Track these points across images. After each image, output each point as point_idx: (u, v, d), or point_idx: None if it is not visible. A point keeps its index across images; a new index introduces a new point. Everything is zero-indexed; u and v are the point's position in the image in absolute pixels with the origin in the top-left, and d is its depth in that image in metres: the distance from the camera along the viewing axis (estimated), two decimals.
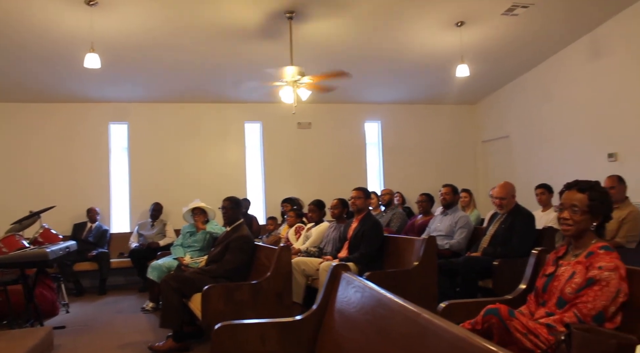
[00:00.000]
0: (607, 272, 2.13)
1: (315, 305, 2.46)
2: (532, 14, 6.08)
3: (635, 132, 6.20)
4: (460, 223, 5.17)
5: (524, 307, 2.46)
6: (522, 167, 8.14)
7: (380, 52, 6.96)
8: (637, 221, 4.74)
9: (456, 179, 7.71)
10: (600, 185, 2.32)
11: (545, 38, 6.88)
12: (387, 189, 7.51)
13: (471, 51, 6.73)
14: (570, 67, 7.13)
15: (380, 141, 9.08)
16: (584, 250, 2.29)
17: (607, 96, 6.56)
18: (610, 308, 2.13)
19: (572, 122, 7.15)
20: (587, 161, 6.82)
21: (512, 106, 8.40)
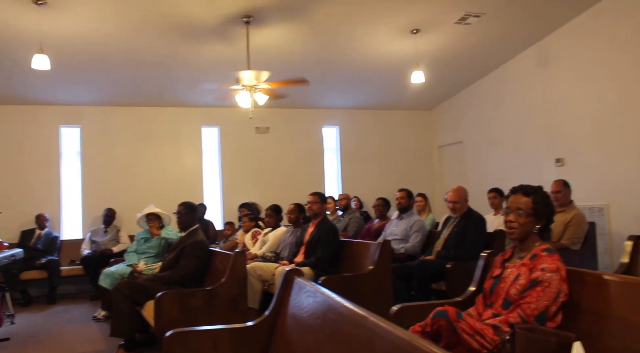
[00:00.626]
0: (549, 273, 2.22)
1: (268, 310, 2.46)
2: (484, 23, 6.27)
3: (580, 138, 6.46)
4: (415, 227, 5.25)
5: (473, 309, 2.53)
6: (475, 171, 8.36)
7: (338, 58, 7.03)
8: (581, 223, 4.94)
9: (413, 183, 7.86)
10: (543, 189, 2.42)
11: (497, 47, 7.10)
12: (344, 194, 7.57)
13: (426, 57, 6.88)
14: (521, 75, 7.38)
15: (339, 145, 9.15)
16: (529, 252, 2.37)
17: (554, 103, 6.82)
18: (552, 308, 2.21)
19: (523, 128, 7.39)
20: (537, 165, 7.06)
21: (466, 112, 8.62)
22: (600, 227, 6.07)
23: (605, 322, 2.13)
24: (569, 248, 4.95)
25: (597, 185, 6.20)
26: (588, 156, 6.37)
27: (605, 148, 6.13)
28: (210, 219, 7.97)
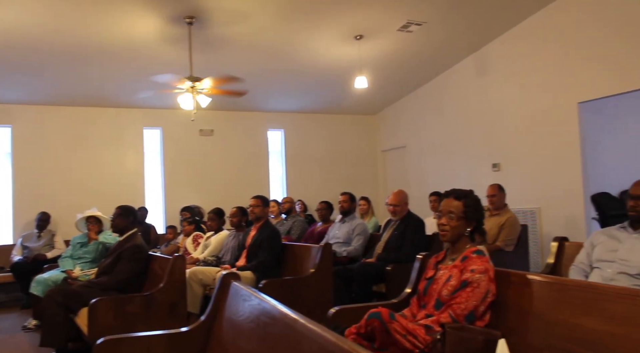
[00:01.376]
0: (478, 274, 2.31)
1: (204, 315, 2.43)
2: (426, 31, 6.45)
3: (515, 144, 6.75)
4: (358, 230, 5.33)
5: (407, 310, 2.59)
6: (417, 175, 8.56)
7: (283, 62, 7.04)
8: (514, 226, 5.15)
9: (357, 187, 7.97)
10: (474, 193, 2.51)
11: (438, 54, 7.32)
12: (288, 198, 7.57)
13: (370, 63, 7.00)
14: (460, 83, 7.64)
15: (284, 149, 9.16)
16: (460, 254, 2.45)
17: (491, 111, 7.10)
18: (480, 308, 2.31)
19: (462, 134, 7.65)
20: (475, 170, 7.32)
21: (409, 117, 8.83)
22: (532, 229, 6.35)
23: (528, 319, 2.24)
24: (503, 250, 5.15)
25: (530, 189, 6.49)
26: (522, 161, 6.66)
27: (538, 154, 6.43)
28: (152, 223, 7.78)
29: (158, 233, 7.73)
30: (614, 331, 1.84)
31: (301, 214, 8.03)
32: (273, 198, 7.99)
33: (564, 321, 2.06)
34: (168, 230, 7.45)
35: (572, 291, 2.08)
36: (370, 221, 6.90)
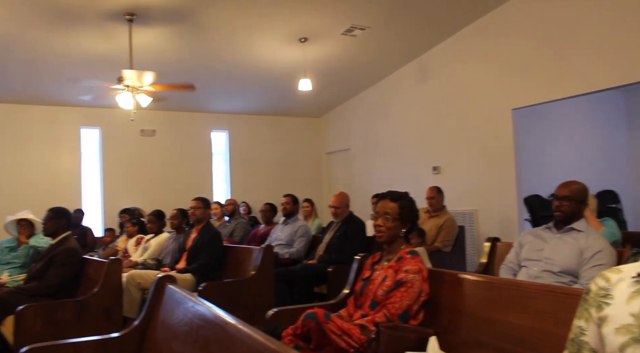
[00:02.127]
0: (412, 275, 2.37)
1: (138, 320, 2.37)
2: (369, 36, 6.55)
3: (453, 148, 6.97)
4: (300, 232, 5.34)
5: (344, 310, 2.62)
6: (361, 178, 8.68)
7: (227, 63, 6.97)
8: (452, 227, 5.32)
9: (302, 189, 8.00)
10: (409, 195, 2.57)
11: (381, 59, 7.45)
12: (231, 200, 7.50)
13: (315, 66, 7.04)
14: (403, 87, 7.81)
15: (228, 150, 9.06)
16: (395, 255, 2.51)
17: (432, 115, 7.30)
18: (414, 307, 2.37)
19: (405, 137, 7.82)
20: (416, 173, 7.49)
21: (354, 120, 8.94)
22: (470, 230, 6.57)
23: (460, 317, 2.32)
24: (441, 250, 5.31)
25: (468, 192, 6.71)
26: (461, 165, 6.88)
27: (476, 158, 6.66)
28: (89, 225, 7.50)
29: (95, 236, 7.46)
30: (536, 326, 1.93)
31: (245, 216, 7.97)
32: (217, 200, 7.89)
33: (493, 318, 2.15)
34: (106, 232, 7.19)
35: (500, 290, 2.17)
36: (314, 223, 6.93)
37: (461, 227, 5.64)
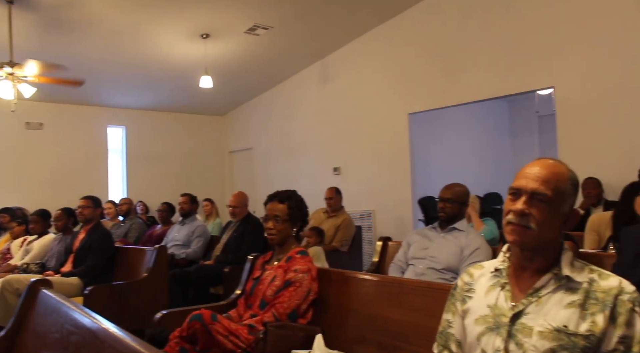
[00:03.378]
0: (301, 274, 2.39)
1: (5, 328, 2.19)
2: (273, 36, 6.55)
3: (353, 150, 7.16)
4: (197, 232, 5.23)
5: (234, 311, 2.59)
6: (263, 177, 8.66)
7: (125, 54, 6.65)
8: (349, 227, 5.45)
9: (203, 188, 7.84)
10: (297, 194, 2.60)
11: (285, 60, 7.48)
12: (126, 199, 7.15)
13: (217, 63, 6.91)
14: (306, 89, 7.89)
15: (125, 147, 8.65)
16: (285, 254, 2.52)
17: (334, 117, 7.45)
18: (303, 306, 2.39)
19: (307, 138, 7.91)
20: (318, 173, 7.60)
21: (257, 119, 8.90)
22: (368, 230, 6.79)
23: (346, 315, 2.38)
24: (339, 250, 5.42)
25: (367, 193, 6.93)
26: (360, 166, 7.09)
27: (374, 160, 6.89)
28: None
29: None
30: (414, 320, 2.03)
31: (143, 216, 7.65)
32: (111, 198, 7.51)
33: (376, 314, 2.23)
34: None
35: (383, 287, 2.26)
36: (215, 223, 6.81)
37: (358, 227, 5.79)
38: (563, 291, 1.33)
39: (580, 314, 1.28)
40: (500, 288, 1.43)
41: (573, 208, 1.41)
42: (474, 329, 1.44)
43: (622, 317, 1.25)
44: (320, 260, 4.41)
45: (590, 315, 1.27)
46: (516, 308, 1.36)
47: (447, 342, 1.52)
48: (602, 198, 4.74)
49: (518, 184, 1.39)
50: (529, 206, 1.35)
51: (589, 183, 4.72)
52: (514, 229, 1.36)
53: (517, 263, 1.44)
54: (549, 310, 1.32)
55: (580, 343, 1.25)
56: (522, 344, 1.31)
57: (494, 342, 1.36)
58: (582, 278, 1.33)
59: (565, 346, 1.26)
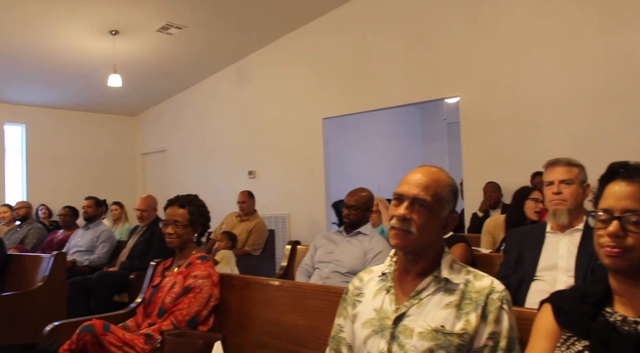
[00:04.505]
0: (201, 280, 2.34)
1: None
2: (186, 36, 6.40)
3: (269, 153, 7.14)
4: (102, 237, 4.98)
5: (132, 320, 2.50)
6: (177, 180, 8.42)
7: (24, 47, 6.22)
8: (262, 231, 5.43)
9: (113, 191, 7.51)
10: (198, 199, 2.54)
11: (200, 60, 7.33)
12: (24, 202, 6.67)
13: (127, 62, 6.65)
14: (222, 91, 7.78)
15: (25, 146, 8.09)
16: (185, 260, 2.46)
17: (249, 120, 7.40)
18: (203, 312, 2.34)
19: (222, 141, 7.79)
20: (233, 177, 7.51)
21: (171, 121, 8.65)
22: (283, 234, 6.79)
23: (247, 320, 2.36)
24: (251, 254, 5.38)
25: (282, 196, 6.94)
26: (275, 170, 7.08)
27: (289, 164, 6.91)
28: None
29: None
30: (311, 324, 2.05)
31: (45, 220, 7.20)
32: (7, 202, 7.00)
33: (276, 319, 2.23)
34: None
35: (283, 292, 2.26)
36: (123, 228, 6.54)
37: (271, 231, 5.77)
38: (442, 293, 1.40)
39: (456, 314, 1.35)
40: (386, 291, 1.48)
41: (452, 213, 1.48)
42: (361, 332, 1.47)
43: (492, 314, 1.33)
44: (229, 265, 4.35)
45: (465, 315, 1.34)
46: (399, 311, 1.41)
47: (338, 346, 1.55)
48: (500, 201, 5.05)
49: (401, 190, 1.45)
50: (410, 212, 1.40)
51: (489, 187, 5.01)
52: (396, 233, 1.42)
53: (401, 267, 1.49)
54: (429, 311, 1.38)
55: (455, 342, 1.32)
56: (403, 345, 1.36)
57: (378, 344, 1.40)
58: (459, 280, 1.41)
59: (441, 345, 1.32)
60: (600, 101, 4.59)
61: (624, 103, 4.46)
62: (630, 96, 4.43)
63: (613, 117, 4.51)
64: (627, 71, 4.46)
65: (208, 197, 6.81)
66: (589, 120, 4.63)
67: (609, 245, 1.15)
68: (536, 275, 2.21)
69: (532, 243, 2.29)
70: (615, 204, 1.18)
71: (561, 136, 4.73)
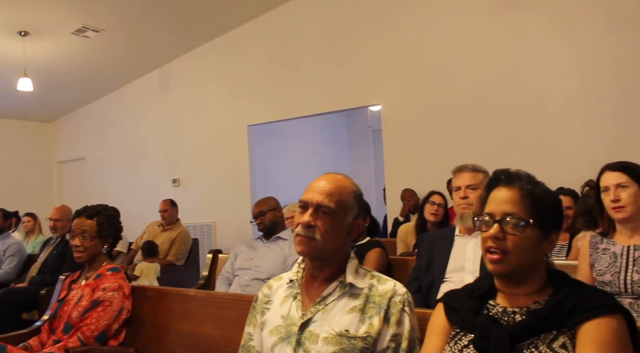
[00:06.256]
0: (110, 292, 2.25)
1: None
2: (105, 39, 6.16)
3: (194, 161, 7.01)
4: (10, 251, 4.68)
5: (35, 338, 2.35)
6: (97, 189, 8.06)
7: None
8: (185, 240, 5.31)
9: (27, 201, 7.11)
10: (109, 209, 2.44)
11: (120, 65, 7.08)
12: None
13: (39, 65, 6.31)
14: (144, 96, 7.55)
15: None
16: (95, 272, 2.36)
17: (173, 127, 7.23)
18: (114, 326, 2.25)
19: (145, 148, 7.55)
20: (157, 185, 7.29)
21: (90, 127, 8.29)
22: (208, 243, 6.67)
23: (162, 333, 2.30)
24: (174, 264, 5.24)
25: (207, 204, 6.82)
26: (200, 178, 6.95)
27: (214, 172, 6.81)
28: None
29: None
30: (226, 334, 2.03)
31: None
32: None
33: (190, 330, 2.18)
34: None
35: (198, 302, 2.22)
36: (37, 240, 6.16)
37: (195, 240, 5.66)
38: (347, 298, 1.43)
39: (360, 318, 1.38)
40: (293, 298, 1.49)
41: (357, 219, 1.51)
42: (268, 340, 1.47)
43: (394, 317, 1.38)
44: (149, 278, 4.22)
45: (369, 318, 1.38)
46: (305, 317, 1.42)
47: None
48: (419, 206, 5.21)
49: (305, 197, 1.46)
50: (314, 219, 1.42)
51: (405, 193, 5.18)
52: (300, 240, 1.43)
53: (308, 274, 1.51)
54: (334, 316, 1.40)
55: (359, 345, 1.35)
56: (309, 351, 1.37)
57: (285, 352, 1.41)
58: (363, 284, 1.44)
59: (346, 349, 1.35)
60: (507, 110, 4.87)
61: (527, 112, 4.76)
62: (532, 105, 4.74)
63: (518, 125, 4.79)
64: (531, 81, 4.77)
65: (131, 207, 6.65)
66: (497, 128, 4.90)
67: (490, 249, 1.23)
68: (445, 277, 2.30)
69: (441, 247, 2.38)
70: (497, 209, 1.25)
71: (476, 143, 4.97)
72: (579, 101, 4.56)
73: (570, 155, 4.48)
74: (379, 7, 5.61)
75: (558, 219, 1.28)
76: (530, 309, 1.20)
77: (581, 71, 4.57)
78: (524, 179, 1.28)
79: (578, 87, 4.57)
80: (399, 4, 5.50)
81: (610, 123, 4.40)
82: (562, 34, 4.64)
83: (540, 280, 1.25)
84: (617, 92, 4.40)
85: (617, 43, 4.38)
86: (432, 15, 5.31)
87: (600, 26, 4.48)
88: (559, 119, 4.63)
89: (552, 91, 4.68)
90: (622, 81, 4.37)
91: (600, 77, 4.47)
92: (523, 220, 1.21)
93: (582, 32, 4.56)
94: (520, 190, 1.25)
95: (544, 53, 4.71)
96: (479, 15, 5.05)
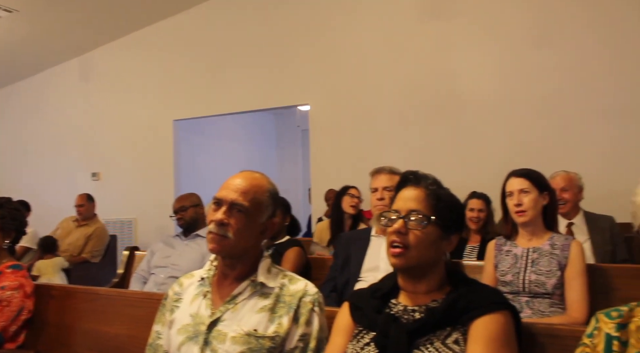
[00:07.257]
0: (9, 291, 2.12)
1: None
2: (19, 21, 5.79)
3: (115, 155, 6.73)
4: None
5: None
6: (7, 181, 7.48)
7: None
8: (102, 237, 5.09)
9: None
10: (11, 202, 2.30)
11: (34, 50, 6.67)
12: None
13: None
14: (62, 85, 7.16)
15: None
16: None
17: (93, 119, 6.91)
18: (12, 327, 2.13)
19: (61, 139, 7.16)
20: (74, 178, 6.93)
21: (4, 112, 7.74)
22: (128, 239, 6.41)
23: (67, 333, 2.20)
24: (89, 261, 5.02)
25: (128, 200, 6.56)
26: (121, 172, 6.68)
27: (137, 166, 6.57)
28: None
29: None
30: (133, 333, 1.97)
31: None
32: None
33: (96, 330, 2.10)
34: None
35: (107, 300, 2.14)
36: None
37: (113, 236, 5.44)
38: (257, 297, 1.42)
39: (269, 318, 1.38)
40: (203, 296, 1.47)
41: (272, 218, 1.51)
42: (176, 339, 1.44)
43: (303, 317, 1.39)
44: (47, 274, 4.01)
45: (278, 318, 1.38)
46: (214, 316, 1.40)
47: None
48: None
49: (220, 195, 1.45)
50: (228, 217, 1.41)
51: (328, 194, 5.24)
52: (213, 238, 1.42)
53: (220, 272, 1.49)
54: (244, 315, 1.40)
55: (267, 345, 1.35)
56: (216, 350, 1.36)
57: (192, 351, 1.39)
58: (274, 284, 1.44)
59: (253, 349, 1.34)
60: (429, 115, 5.06)
61: (448, 118, 4.97)
62: (452, 111, 4.95)
63: (439, 130, 4.99)
64: (452, 87, 4.97)
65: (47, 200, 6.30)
66: (420, 132, 5.08)
67: (394, 243, 1.28)
68: (360, 276, 2.34)
69: (358, 246, 2.43)
70: (403, 206, 1.31)
71: (398, 146, 5.12)
72: (496, 108, 4.80)
73: (486, 160, 4.71)
74: (309, 10, 5.66)
75: (459, 221, 1.36)
76: (428, 307, 1.26)
77: (499, 81, 4.83)
78: (430, 181, 1.34)
79: (495, 97, 4.82)
80: (329, 8, 5.57)
81: (524, 130, 4.67)
82: (483, 44, 4.88)
83: (439, 278, 1.32)
84: (532, 101, 4.67)
85: (534, 54, 4.66)
86: (360, 21, 5.41)
87: (518, 38, 4.74)
88: (477, 125, 4.86)
89: (471, 98, 4.91)
90: (537, 90, 4.65)
91: (516, 87, 4.74)
92: (426, 217, 1.27)
93: (502, 43, 4.81)
94: (426, 190, 1.32)
95: (465, 61, 4.93)
96: (405, 22, 5.20)
